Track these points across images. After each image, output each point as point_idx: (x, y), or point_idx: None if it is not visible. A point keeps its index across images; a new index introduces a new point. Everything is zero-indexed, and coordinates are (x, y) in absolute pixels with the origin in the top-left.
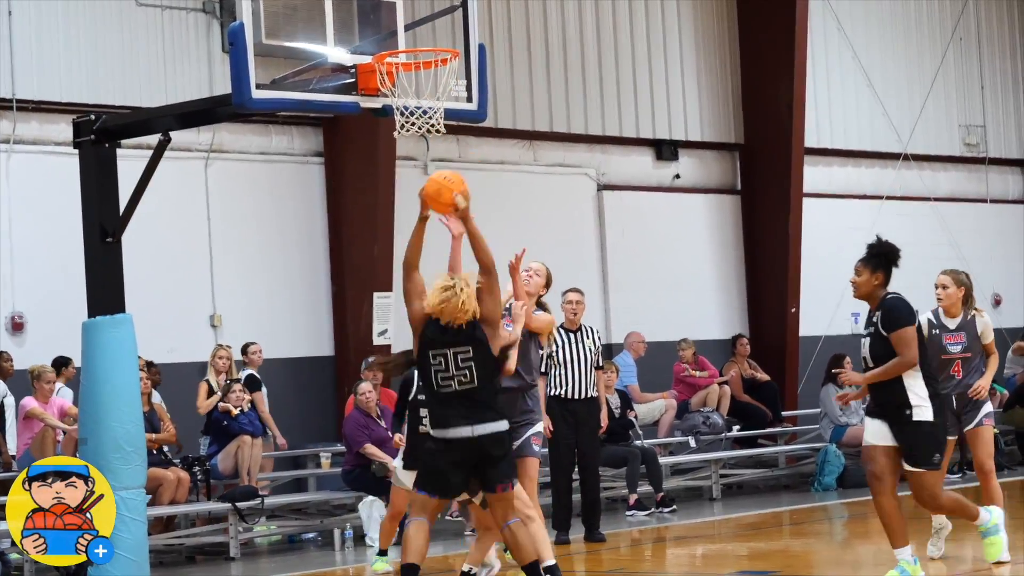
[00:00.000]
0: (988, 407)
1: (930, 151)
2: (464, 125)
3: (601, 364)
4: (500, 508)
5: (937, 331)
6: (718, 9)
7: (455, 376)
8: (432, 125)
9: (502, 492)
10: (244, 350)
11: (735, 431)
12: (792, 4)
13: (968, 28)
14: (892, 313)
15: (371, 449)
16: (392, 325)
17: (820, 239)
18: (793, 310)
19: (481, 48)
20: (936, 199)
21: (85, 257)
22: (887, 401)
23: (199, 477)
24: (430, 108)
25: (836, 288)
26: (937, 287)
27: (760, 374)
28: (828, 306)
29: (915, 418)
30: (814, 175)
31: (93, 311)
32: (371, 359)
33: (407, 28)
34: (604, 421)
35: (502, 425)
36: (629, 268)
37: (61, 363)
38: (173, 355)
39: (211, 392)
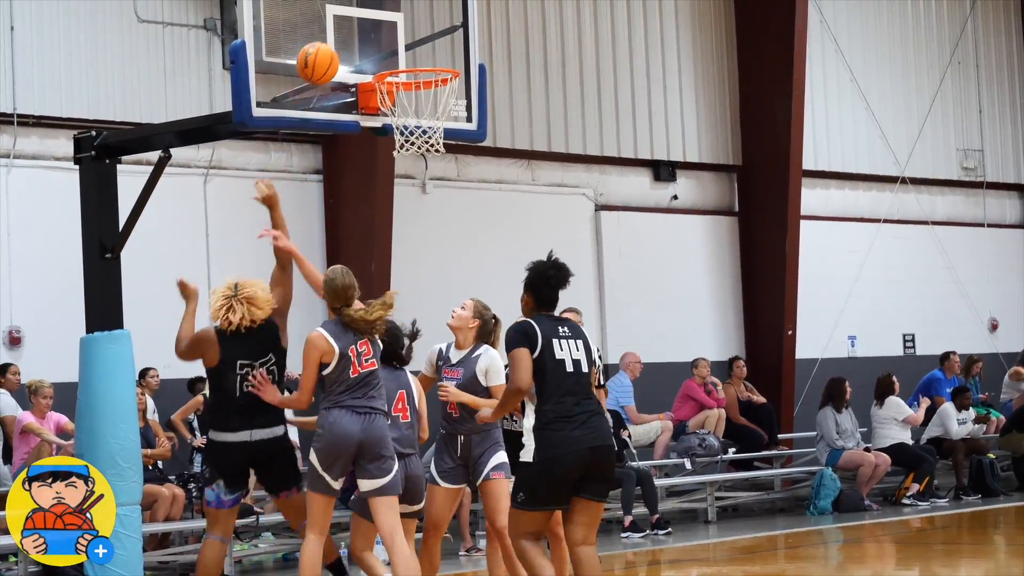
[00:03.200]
0: (499, 458)
1: (928, 175)
2: (463, 144)
3: (602, 383)
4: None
5: (442, 363)
6: (716, 31)
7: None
8: (431, 145)
9: (285, 498)
10: None
11: (731, 453)
12: (791, 27)
13: (967, 52)
14: (507, 335)
15: None
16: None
17: (817, 261)
18: (790, 332)
19: (481, 68)
20: (933, 223)
21: (84, 273)
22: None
23: (194, 494)
24: (430, 128)
25: (833, 311)
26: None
27: (756, 396)
28: (825, 329)
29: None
30: (811, 197)
31: (91, 327)
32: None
33: (407, 48)
34: None
35: (279, 430)
36: (626, 288)
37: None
38: (169, 371)
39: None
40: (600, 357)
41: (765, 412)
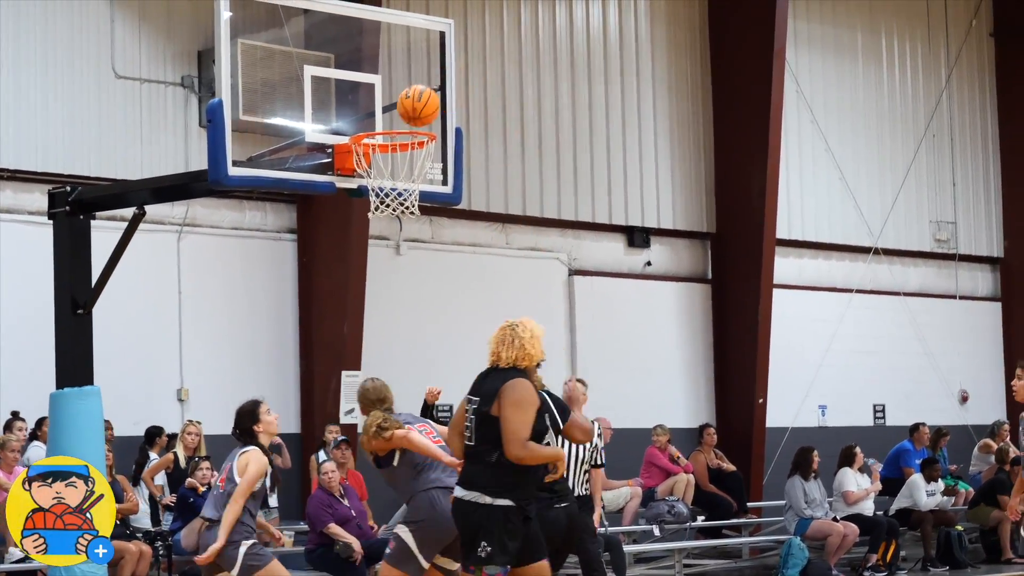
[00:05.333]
0: None
1: (900, 246)
2: (438, 207)
3: (601, 462)
4: None
5: None
6: (693, 100)
7: None
8: (407, 207)
9: None
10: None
11: (700, 521)
12: (767, 97)
13: (941, 125)
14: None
15: (335, 529)
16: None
17: (789, 330)
18: (760, 401)
19: (458, 132)
20: (905, 294)
21: (55, 328)
22: None
23: (161, 552)
24: (405, 190)
25: (804, 380)
26: None
27: (726, 464)
28: (795, 397)
29: None
30: (784, 266)
31: (61, 382)
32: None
33: (384, 110)
34: (596, 522)
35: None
36: (598, 354)
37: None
38: (138, 428)
39: (175, 467)
40: (601, 436)
41: (735, 480)
